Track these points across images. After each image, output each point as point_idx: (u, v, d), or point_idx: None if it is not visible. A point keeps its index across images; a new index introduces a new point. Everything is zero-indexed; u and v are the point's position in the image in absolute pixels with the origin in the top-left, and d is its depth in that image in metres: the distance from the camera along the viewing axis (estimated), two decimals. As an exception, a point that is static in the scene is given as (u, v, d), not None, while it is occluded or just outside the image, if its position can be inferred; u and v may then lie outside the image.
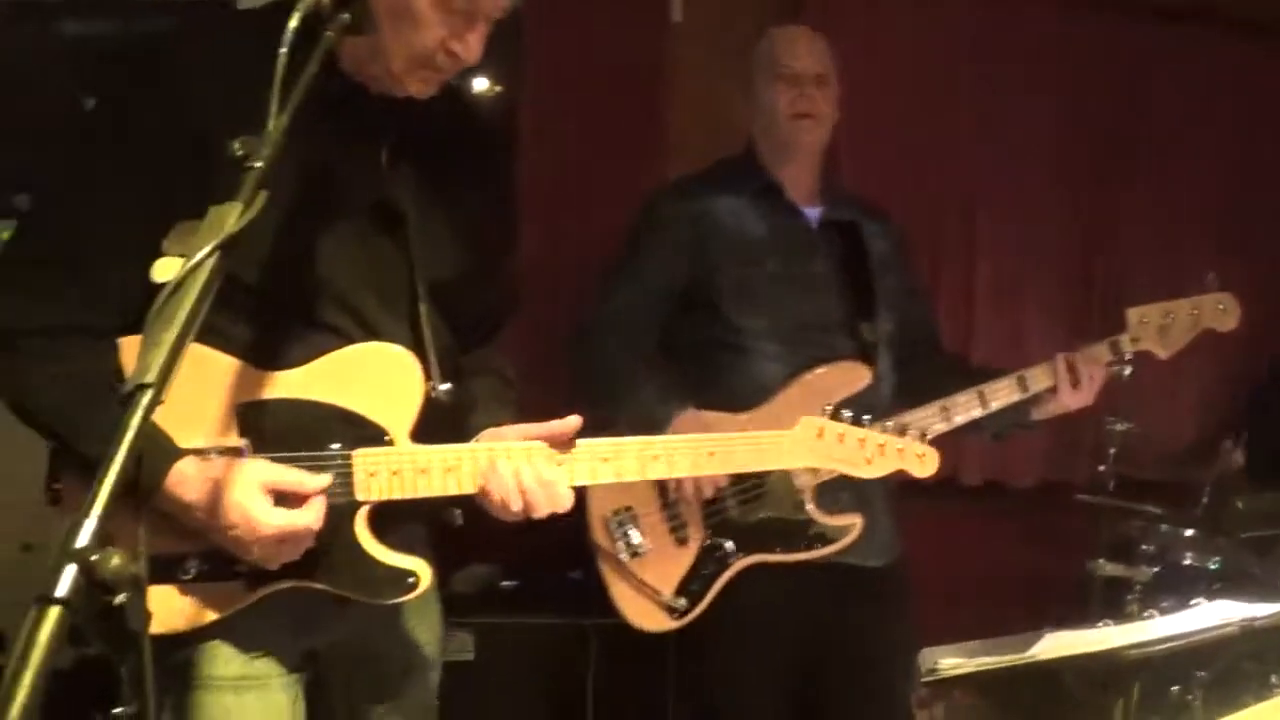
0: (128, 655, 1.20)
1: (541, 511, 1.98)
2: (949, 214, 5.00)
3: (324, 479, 1.89)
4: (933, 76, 4.93)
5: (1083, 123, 5.09)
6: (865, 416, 2.24)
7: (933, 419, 3.01)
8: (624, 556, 3.00)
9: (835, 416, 2.21)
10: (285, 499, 1.85)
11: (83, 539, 1.12)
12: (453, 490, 1.99)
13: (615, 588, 3.03)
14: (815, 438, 2.20)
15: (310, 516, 1.87)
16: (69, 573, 1.10)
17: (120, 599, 1.14)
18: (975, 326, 5.01)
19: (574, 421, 2.02)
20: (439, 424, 2.03)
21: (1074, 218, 5.12)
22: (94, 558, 1.11)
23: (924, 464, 2.31)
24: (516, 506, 1.97)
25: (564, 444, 2.02)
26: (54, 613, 1.08)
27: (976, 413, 3.04)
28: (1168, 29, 5.11)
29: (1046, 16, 5.02)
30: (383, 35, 1.87)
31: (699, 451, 2.13)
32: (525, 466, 1.97)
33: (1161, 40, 5.12)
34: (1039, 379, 3.07)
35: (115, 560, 1.12)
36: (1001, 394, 3.05)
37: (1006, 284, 5.06)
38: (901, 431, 2.28)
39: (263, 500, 1.83)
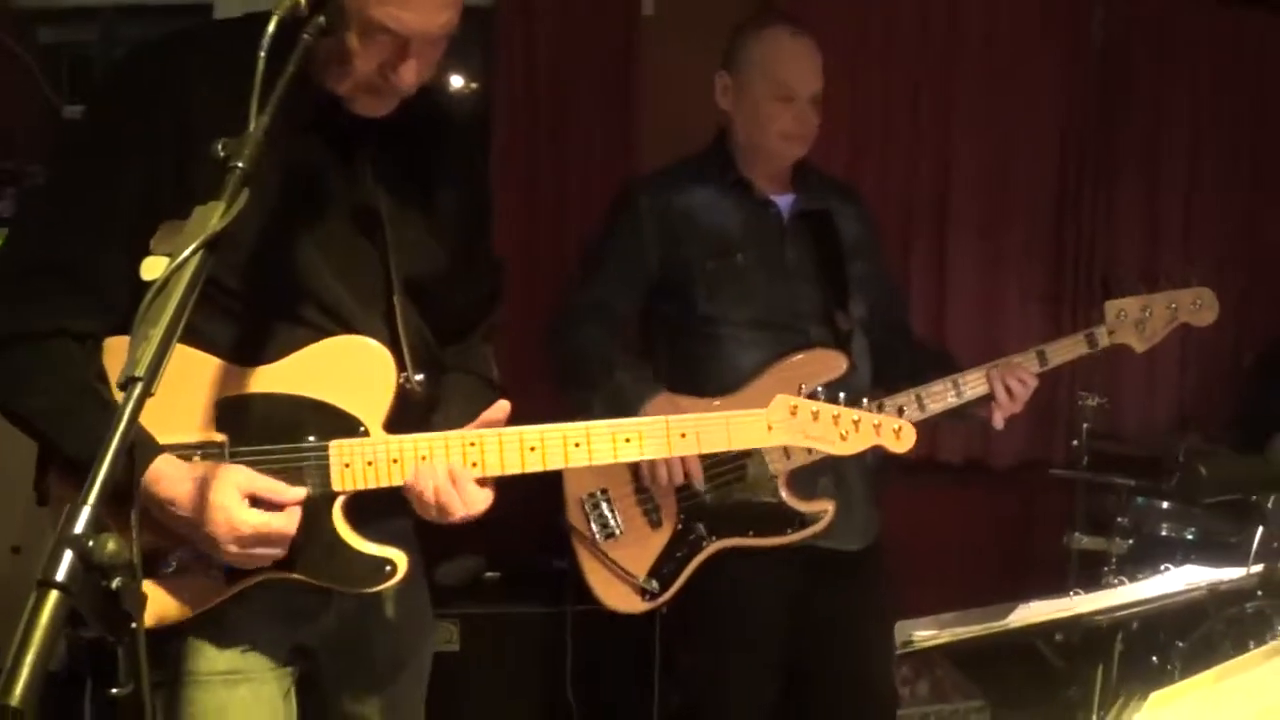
0: (124, 637, 1.23)
1: (455, 514, 1.98)
2: (921, 189, 5.06)
3: (301, 491, 1.92)
4: (905, 56, 5.00)
5: (1062, 97, 5.15)
6: (840, 394, 2.20)
7: None
8: (598, 538, 3.03)
9: (810, 395, 2.17)
10: (262, 505, 1.89)
11: (79, 525, 1.16)
12: None
13: (589, 569, 3.05)
14: (789, 416, 2.15)
15: (285, 520, 1.90)
16: (67, 557, 1.14)
17: (116, 582, 1.18)
18: (947, 298, 5.08)
19: (503, 406, 2.03)
20: (414, 414, 2.06)
21: (1050, 191, 5.18)
22: (90, 543, 1.15)
23: (901, 439, 2.22)
24: (431, 514, 2.00)
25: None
26: (53, 596, 1.12)
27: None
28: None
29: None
30: (331, 61, 1.91)
31: (671, 433, 2.10)
32: (452, 469, 1.98)
33: (1142, 10, 5.17)
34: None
35: (110, 545, 1.16)
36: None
37: (979, 257, 5.12)
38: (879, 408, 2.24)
39: (242, 502, 1.86)
